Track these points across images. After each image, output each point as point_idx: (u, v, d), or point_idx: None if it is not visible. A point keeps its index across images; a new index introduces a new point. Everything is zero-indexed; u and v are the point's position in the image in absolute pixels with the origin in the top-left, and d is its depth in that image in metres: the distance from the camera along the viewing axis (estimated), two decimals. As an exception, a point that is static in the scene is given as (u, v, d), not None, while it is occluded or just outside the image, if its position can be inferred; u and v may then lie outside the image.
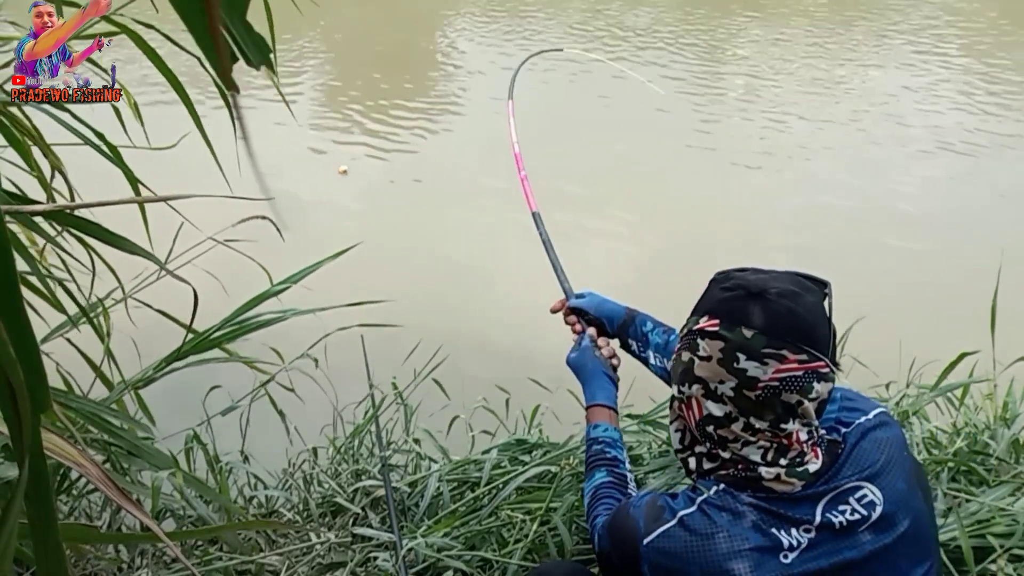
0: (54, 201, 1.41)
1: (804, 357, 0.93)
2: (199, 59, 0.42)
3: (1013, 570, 1.31)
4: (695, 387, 0.99)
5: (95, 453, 1.43)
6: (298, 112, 5.84)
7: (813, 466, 0.98)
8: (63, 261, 1.51)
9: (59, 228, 1.32)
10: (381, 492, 1.78)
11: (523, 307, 3.61)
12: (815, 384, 0.94)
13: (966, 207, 4.65)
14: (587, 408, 1.38)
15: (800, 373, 0.93)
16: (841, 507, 0.96)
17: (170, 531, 1.47)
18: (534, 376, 2.10)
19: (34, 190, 1.39)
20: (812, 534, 0.95)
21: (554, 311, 1.55)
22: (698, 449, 1.05)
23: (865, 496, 0.97)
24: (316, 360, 1.86)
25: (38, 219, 1.26)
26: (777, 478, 0.97)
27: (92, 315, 1.51)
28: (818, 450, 1.00)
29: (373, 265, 3.49)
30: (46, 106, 1.28)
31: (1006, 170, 5.17)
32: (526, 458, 1.79)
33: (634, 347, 1.44)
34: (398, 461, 1.99)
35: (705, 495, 1.00)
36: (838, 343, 1.37)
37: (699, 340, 0.98)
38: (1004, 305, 1.80)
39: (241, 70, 0.44)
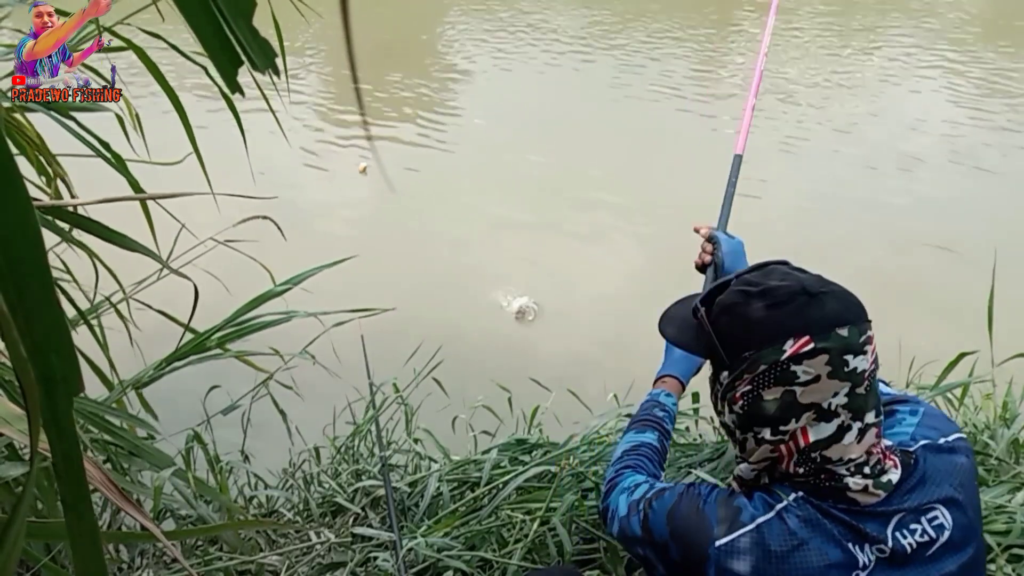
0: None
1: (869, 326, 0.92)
2: (204, 68, 0.42)
3: (1012, 569, 1.32)
4: (804, 417, 0.91)
5: (95, 453, 1.43)
6: (299, 113, 5.84)
7: (893, 476, 0.93)
8: (64, 263, 1.51)
9: (62, 226, 1.32)
10: (381, 492, 1.79)
11: (524, 306, 3.62)
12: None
13: (966, 207, 4.65)
14: (665, 375, 1.33)
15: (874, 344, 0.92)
16: (913, 526, 0.92)
17: (170, 531, 1.47)
18: (534, 376, 2.11)
19: (36, 194, 1.39)
20: (884, 554, 0.90)
21: (696, 229, 1.47)
22: (768, 478, 0.98)
23: (936, 518, 0.93)
24: (313, 356, 1.86)
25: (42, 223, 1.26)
26: (865, 490, 0.91)
27: (92, 316, 1.51)
28: (895, 458, 0.95)
29: (373, 265, 3.49)
30: (52, 112, 1.29)
31: (1007, 169, 5.18)
32: (526, 458, 1.79)
33: None
34: (398, 461, 1.99)
35: (784, 502, 0.93)
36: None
37: (794, 367, 0.89)
38: (1004, 305, 1.81)
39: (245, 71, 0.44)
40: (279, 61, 0.45)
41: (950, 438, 1.00)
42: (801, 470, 0.93)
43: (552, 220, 4.37)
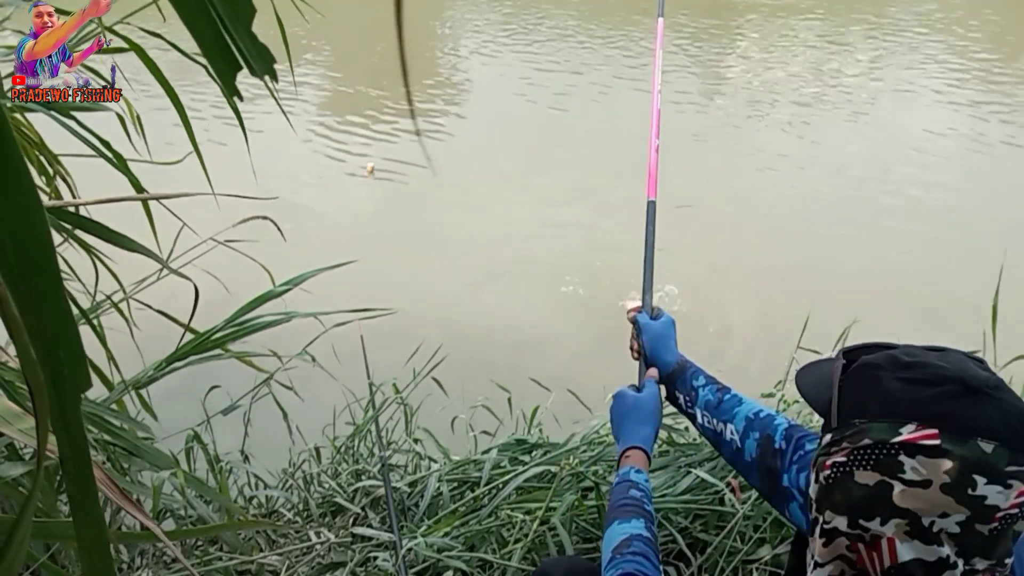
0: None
1: None
2: (205, 67, 0.42)
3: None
4: (891, 524, 0.72)
5: (95, 453, 1.43)
6: (300, 113, 5.84)
7: None
8: (66, 262, 1.51)
9: (63, 225, 1.32)
10: (381, 492, 1.79)
11: (524, 307, 3.62)
12: None
13: (966, 207, 4.66)
14: (631, 448, 1.20)
15: None
16: None
17: (170, 531, 1.47)
18: (534, 376, 2.11)
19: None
20: None
21: (628, 312, 1.36)
22: None
23: None
24: (313, 357, 1.86)
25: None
26: None
27: (93, 315, 1.51)
28: None
29: (373, 266, 3.49)
30: (53, 113, 1.29)
31: (1007, 169, 5.19)
32: (526, 458, 1.79)
33: (681, 400, 1.27)
34: (398, 461, 1.99)
35: None
36: (837, 344, 1.37)
37: (904, 457, 0.72)
38: (1004, 305, 1.81)
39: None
40: (280, 61, 0.46)
41: None
42: None
43: (553, 221, 4.37)
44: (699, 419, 1.23)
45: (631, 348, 1.33)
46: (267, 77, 0.43)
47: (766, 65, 7.35)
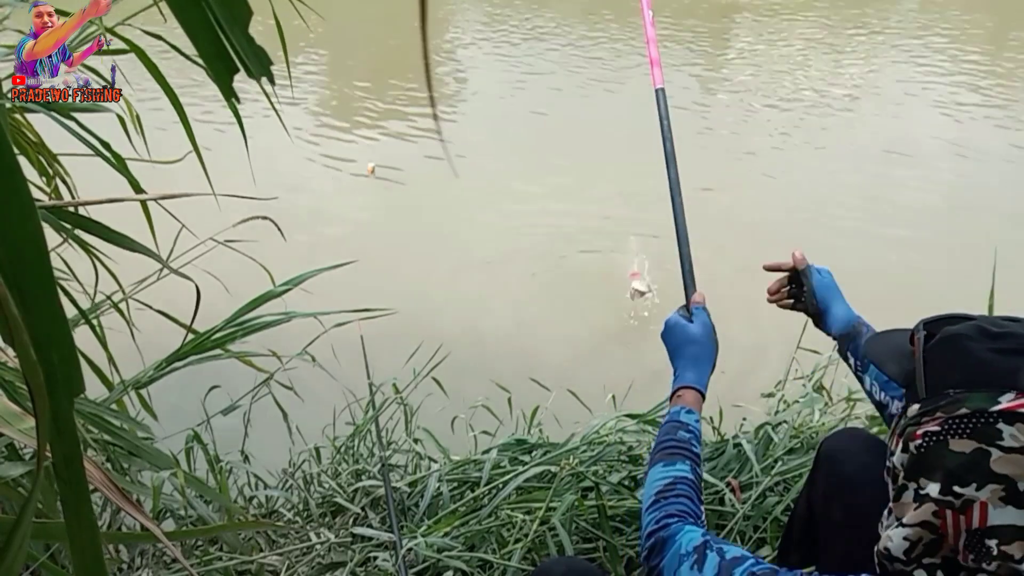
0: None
1: None
2: (205, 68, 0.43)
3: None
4: (987, 489, 0.75)
5: (95, 453, 1.43)
6: (301, 113, 5.85)
7: None
8: (66, 262, 1.51)
9: (63, 225, 1.32)
10: (381, 492, 1.79)
11: (524, 307, 3.62)
12: None
13: (966, 207, 4.66)
14: (684, 387, 1.18)
15: None
16: None
17: (170, 531, 1.47)
18: (534, 376, 2.11)
19: (36, 194, 1.39)
20: None
21: (777, 275, 1.38)
22: (928, 561, 0.81)
23: None
24: (313, 357, 1.86)
25: (43, 222, 1.26)
26: None
27: (93, 316, 1.51)
28: None
29: (373, 266, 3.49)
30: (53, 113, 1.29)
31: (1006, 168, 5.19)
32: (526, 458, 1.79)
33: (851, 362, 1.30)
34: (398, 461, 1.99)
35: None
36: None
37: (1002, 425, 0.74)
38: (1003, 306, 1.81)
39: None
40: (277, 62, 0.46)
41: None
42: (972, 556, 0.77)
43: (553, 222, 4.37)
44: (867, 384, 1.26)
45: (769, 291, 1.36)
46: (264, 79, 0.43)
47: (761, 65, 7.35)
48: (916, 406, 0.82)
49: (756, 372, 2.87)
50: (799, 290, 1.34)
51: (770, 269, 1.38)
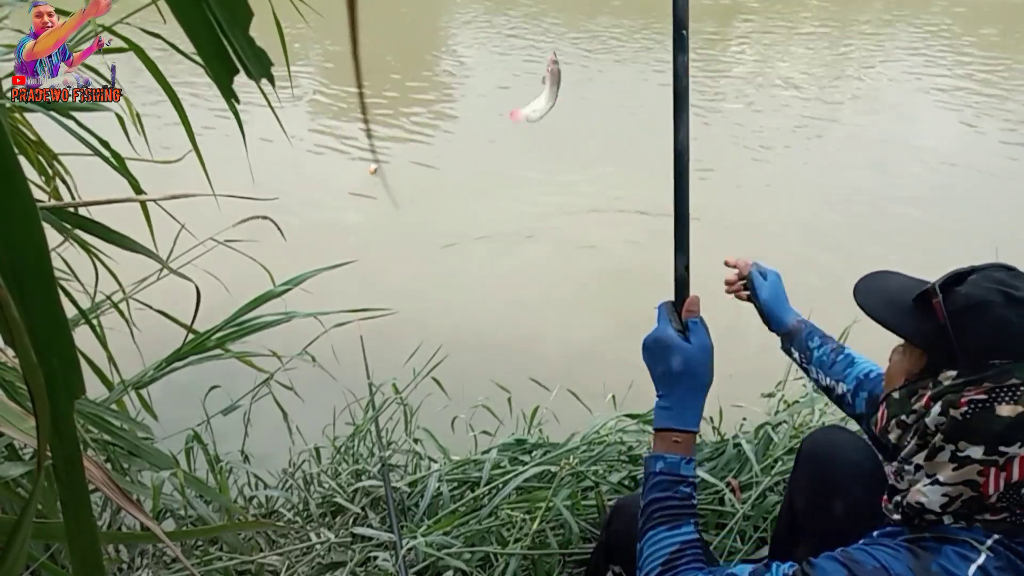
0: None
1: None
2: (204, 68, 0.42)
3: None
4: None
5: (95, 453, 1.43)
6: (301, 113, 5.85)
7: None
8: (66, 262, 1.51)
9: (64, 225, 1.32)
10: (381, 492, 1.79)
11: (524, 307, 3.62)
12: None
13: (965, 206, 4.66)
14: (681, 431, 1.03)
15: None
16: None
17: (170, 531, 1.47)
18: (534, 376, 2.11)
19: (36, 194, 1.39)
20: None
21: (734, 270, 1.43)
22: (963, 510, 0.87)
23: None
24: (313, 357, 1.86)
25: (43, 222, 1.26)
26: None
27: (93, 316, 1.51)
28: None
29: (373, 266, 3.49)
30: (52, 113, 1.28)
31: (1006, 168, 5.18)
32: (526, 458, 1.79)
33: (796, 356, 1.37)
34: (398, 461, 1.99)
35: (982, 555, 0.83)
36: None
37: None
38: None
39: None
40: (282, 61, 0.46)
41: None
42: (1003, 504, 0.84)
43: (554, 222, 4.37)
44: (813, 374, 1.35)
45: (727, 283, 1.45)
46: (264, 80, 0.43)
47: (767, 64, 7.35)
48: (953, 372, 0.86)
49: (756, 372, 2.87)
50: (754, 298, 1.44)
51: (729, 265, 1.47)
